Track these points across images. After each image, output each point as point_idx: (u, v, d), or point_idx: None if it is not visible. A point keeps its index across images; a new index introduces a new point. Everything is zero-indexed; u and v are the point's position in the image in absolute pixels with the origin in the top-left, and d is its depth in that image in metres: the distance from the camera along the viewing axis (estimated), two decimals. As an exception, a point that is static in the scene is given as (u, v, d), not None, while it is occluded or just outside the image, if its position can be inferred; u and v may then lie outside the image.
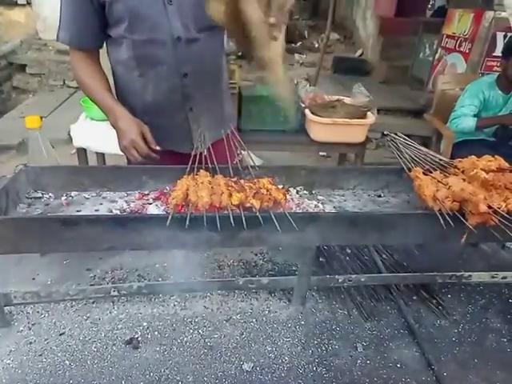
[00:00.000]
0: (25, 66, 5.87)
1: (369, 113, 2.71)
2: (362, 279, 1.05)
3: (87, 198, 1.08)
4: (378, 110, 3.17)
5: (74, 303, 1.00)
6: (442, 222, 0.86)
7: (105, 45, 1.34)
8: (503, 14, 3.79)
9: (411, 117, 5.01)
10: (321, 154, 4.35)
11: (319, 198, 1.15)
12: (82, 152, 2.72)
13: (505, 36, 3.99)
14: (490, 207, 0.86)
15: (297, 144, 2.84)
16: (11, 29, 6.17)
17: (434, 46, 5.12)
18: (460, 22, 4.51)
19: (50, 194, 1.08)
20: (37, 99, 5.60)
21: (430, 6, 6.79)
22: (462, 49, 4.46)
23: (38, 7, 6.06)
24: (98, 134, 2.58)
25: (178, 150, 1.40)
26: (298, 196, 1.15)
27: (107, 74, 1.37)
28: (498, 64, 3.17)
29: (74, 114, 2.78)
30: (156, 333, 0.93)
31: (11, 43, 5.93)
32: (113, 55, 1.33)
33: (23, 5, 6.10)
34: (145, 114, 1.34)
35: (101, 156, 2.90)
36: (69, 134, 2.62)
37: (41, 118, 1.26)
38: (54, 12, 6.12)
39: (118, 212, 1.02)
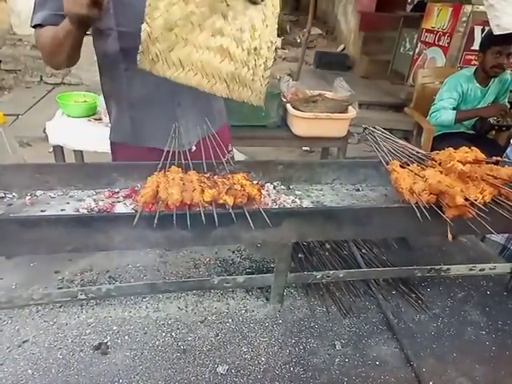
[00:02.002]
0: (-1, 62, 5.68)
1: (350, 107, 2.71)
2: (341, 275, 1.03)
3: (53, 198, 1.03)
4: (360, 105, 3.18)
5: (39, 308, 0.95)
6: (418, 215, 0.84)
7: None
8: (481, 8, 3.83)
9: (392, 111, 5.05)
10: (304, 148, 4.34)
11: (297, 193, 1.13)
12: (58, 150, 2.64)
13: (482, 30, 4.05)
14: (466, 199, 0.85)
15: (279, 139, 2.82)
16: (-16, 24, 5.95)
17: (414, 41, 5.17)
18: (439, 17, 4.56)
19: (14, 194, 1.02)
20: (12, 96, 5.43)
21: (409, 0, 6.85)
22: (441, 43, 4.51)
23: (12, 1, 5.85)
24: (74, 131, 2.51)
25: (166, 147, 1.34)
26: (275, 191, 1.12)
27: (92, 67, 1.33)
28: (476, 57, 3.20)
29: (52, 112, 2.68)
30: (126, 337, 0.89)
31: (-16, 38, 5.72)
32: (99, 48, 1.28)
33: (-4, -1, 5.88)
34: (131, 108, 1.32)
35: (79, 154, 2.82)
36: (44, 132, 2.53)
37: (17, 115, 1.21)
38: (28, 6, 5.94)
39: (85, 211, 0.97)
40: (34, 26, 1.19)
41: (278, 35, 1.14)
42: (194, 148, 1.39)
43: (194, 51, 1.00)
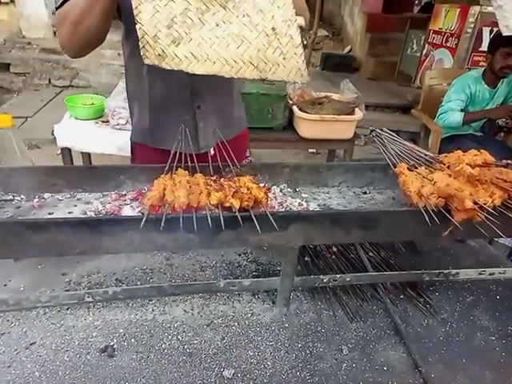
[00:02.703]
0: (9, 64, 5.74)
1: (357, 109, 2.69)
2: (348, 279, 1.02)
3: (60, 200, 1.03)
4: (366, 107, 3.17)
5: (47, 310, 0.95)
6: (427, 218, 0.83)
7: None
8: (489, 9, 3.80)
9: (399, 113, 5.02)
10: (310, 150, 4.33)
11: (303, 195, 1.12)
12: (66, 152, 2.66)
13: (491, 31, 4.02)
14: (475, 203, 0.84)
15: (285, 141, 2.81)
16: (-6, 27, 6.04)
17: (421, 42, 5.14)
18: (446, 18, 4.53)
19: (22, 196, 1.03)
20: (21, 99, 5.49)
21: (416, 2, 6.81)
22: (448, 44, 4.48)
23: (21, 5, 5.93)
24: (81, 134, 2.53)
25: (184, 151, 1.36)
26: (281, 194, 1.11)
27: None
28: (484, 59, 3.17)
29: (60, 114, 2.70)
30: (133, 340, 0.89)
31: (-6, 42, 5.80)
32: (126, 49, 1.30)
33: (6, 3, 5.96)
34: (153, 109, 1.33)
35: (86, 156, 2.84)
36: (53, 134, 2.55)
37: (26, 118, 1.21)
38: (37, 10, 6.01)
39: (93, 214, 0.97)
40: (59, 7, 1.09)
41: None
42: (212, 152, 1.40)
43: (204, 42, 0.95)
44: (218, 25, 0.96)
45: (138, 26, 0.92)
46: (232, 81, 1.41)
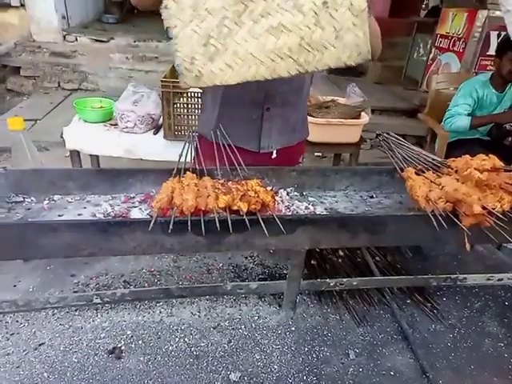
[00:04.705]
0: (19, 68, 5.81)
1: (363, 113, 2.69)
2: (354, 283, 1.02)
3: (70, 202, 1.04)
4: (373, 111, 3.15)
5: (55, 311, 0.96)
6: (434, 223, 0.83)
7: None
8: (497, 13, 3.78)
9: (405, 117, 5.00)
10: (316, 154, 4.33)
11: (310, 199, 1.13)
12: (75, 154, 2.68)
13: (499, 35, 3.99)
14: (484, 208, 0.84)
15: (291, 145, 2.81)
16: (5, 31, 6.11)
17: (428, 46, 5.12)
18: (454, 22, 4.51)
19: (32, 198, 1.04)
20: (31, 102, 5.54)
21: (423, 6, 6.80)
22: (455, 48, 4.45)
23: (31, 9, 6.00)
24: (90, 137, 2.55)
25: (244, 146, 1.40)
26: (288, 198, 1.12)
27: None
28: (492, 63, 3.15)
29: (69, 117, 2.73)
30: (140, 342, 0.89)
31: (5, 45, 5.87)
32: None
33: (17, 7, 6.04)
34: (223, 105, 1.36)
35: (95, 158, 2.86)
36: (61, 137, 2.58)
37: (35, 120, 1.23)
38: (47, 14, 6.08)
39: (102, 216, 0.98)
40: None
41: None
42: (274, 155, 1.44)
43: (239, 48, 0.91)
44: (255, 22, 0.89)
45: (177, 54, 0.90)
46: (303, 88, 1.45)
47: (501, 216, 0.83)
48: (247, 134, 1.41)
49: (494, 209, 0.85)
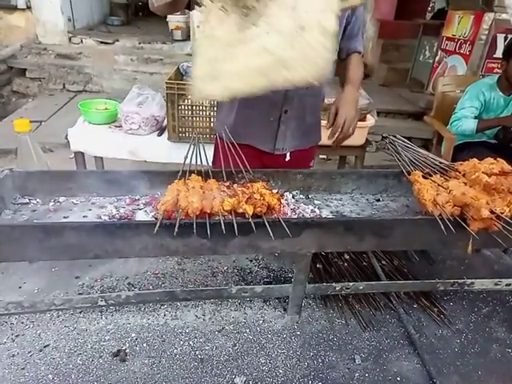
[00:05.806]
0: (25, 70, 5.85)
1: (369, 115, 2.68)
2: (360, 287, 1.01)
3: (75, 204, 1.04)
4: (378, 113, 3.15)
5: (60, 313, 0.96)
6: (442, 227, 0.82)
7: None
8: (504, 16, 3.76)
9: (411, 119, 4.97)
10: (321, 156, 4.31)
11: (316, 202, 1.12)
12: (79, 156, 2.69)
13: (505, 37, 3.96)
14: (492, 212, 0.83)
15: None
16: (11, 33, 6.17)
17: (434, 49, 5.10)
18: (460, 24, 4.49)
19: (38, 200, 1.04)
20: (36, 103, 5.58)
21: (429, 8, 6.78)
22: (462, 51, 4.43)
23: (37, 12, 6.05)
24: (95, 138, 2.56)
25: (259, 147, 1.44)
26: (293, 201, 1.11)
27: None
28: (499, 66, 3.13)
29: (74, 118, 2.74)
30: (145, 344, 0.89)
31: (11, 47, 5.92)
32: None
33: (23, 9, 6.09)
34: (241, 106, 1.38)
35: (99, 160, 2.87)
36: (66, 138, 2.59)
37: (40, 122, 1.23)
38: (53, 17, 6.13)
39: (107, 218, 0.98)
40: None
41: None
42: (288, 157, 1.46)
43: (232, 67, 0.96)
44: (245, 44, 0.94)
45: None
46: (320, 92, 1.47)
47: (509, 220, 0.82)
48: (263, 135, 1.43)
49: (502, 213, 0.84)
